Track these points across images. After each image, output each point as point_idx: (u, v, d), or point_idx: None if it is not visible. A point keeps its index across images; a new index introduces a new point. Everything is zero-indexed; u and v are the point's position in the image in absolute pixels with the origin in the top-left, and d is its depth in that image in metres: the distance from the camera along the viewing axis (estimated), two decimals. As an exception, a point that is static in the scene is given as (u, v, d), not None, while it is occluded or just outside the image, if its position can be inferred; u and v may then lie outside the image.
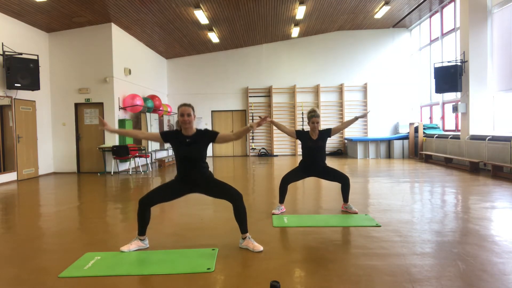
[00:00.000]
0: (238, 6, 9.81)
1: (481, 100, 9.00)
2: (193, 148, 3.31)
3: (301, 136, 4.71)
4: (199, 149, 3.34)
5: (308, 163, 4.70)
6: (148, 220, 3.40)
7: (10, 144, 8.41)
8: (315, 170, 4.70)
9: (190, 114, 3.30)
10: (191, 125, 3.34)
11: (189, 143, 3.32)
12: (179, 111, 3.32)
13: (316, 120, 4.56)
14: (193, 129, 3.38)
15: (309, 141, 4.65)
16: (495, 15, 8.80)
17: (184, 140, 3.33)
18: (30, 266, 3.07)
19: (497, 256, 3.05)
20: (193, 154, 3.31)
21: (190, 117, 3.30)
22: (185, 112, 3.29)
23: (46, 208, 5.53)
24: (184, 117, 3.29)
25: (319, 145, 4.64)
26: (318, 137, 4.65)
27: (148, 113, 11.58)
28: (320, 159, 4.69)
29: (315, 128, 4.62)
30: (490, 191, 6.06)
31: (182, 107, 3.32)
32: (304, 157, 4.75)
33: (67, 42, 9.92)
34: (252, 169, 10.13)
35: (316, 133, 4.66)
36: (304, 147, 4.70)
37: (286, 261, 3.05)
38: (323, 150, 4.71)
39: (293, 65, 14.55)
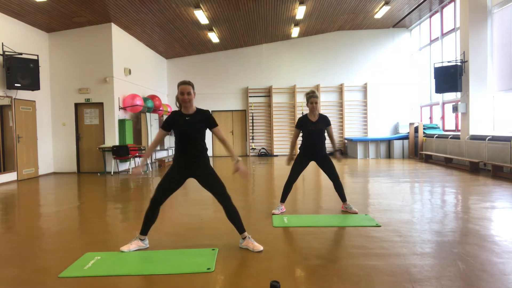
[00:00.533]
0: (238, 6, 9.81)
1: (481, 100, 9.00)
2: (192, 125, 3.27)
3: (301, 123, 4.67)
4: (198, 127, 3.28)
5: (309, 147, 4.64)
6: (154, 220, 3.39)
7: (10, 144, 8.41)
8: (316, 155, 4.64)
9: (190, 92, 3.25)
10: (191, 103, 3.30)
11: (188, 120, 3.28)
12: (179, 89, 3.25)
13: (315, 101, 4.51)
14: (193, 107, 3.35)
15: (309, 124, 4.60)
16: (495, 15, 8.80)
17: (183, 118, 3.29)
18: (30, 266, 3.07)
19: (497, 256, 3.05)
20: (192, 131, 3.26)
21: (190, 95, 3.25)
22: (185, 90, 3.23)
23: (46, 208, 5.53)
24: (184, 95, 3.23)
25: (319, 128, 4.59)
26: (318, 120, 4.61)
27: (148, 113, 11.58)
28: (321, 143, 4.62)
29: (314, 108, 4.56)
30: (490, 191, 6.06)
31: (182, 85, 3.25)
32: (304, 141, 4.68)
33: (67, 42, 9.92)
34: (252, 169, 10.13)
35: (315, 115, 4.62)
36: (305, 131, 4.65)
37: (286, 261, 3.05)
38: (323, 133, 4.63)
39: (293, 65, 14.54)
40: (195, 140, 3.28)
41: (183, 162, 3.33)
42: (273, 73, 14.63)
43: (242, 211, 4.83)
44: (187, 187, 5.73)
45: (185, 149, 3.29)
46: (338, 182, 4.68)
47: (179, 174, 3.36)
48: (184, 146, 3.29)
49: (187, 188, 6.18)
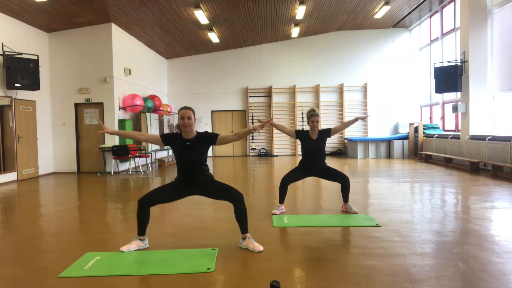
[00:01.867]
0: (238, 6, 9.81)
1: (481, 100, 9.00)
2: (193, 151, 3.31)
3: (301, 136, 4.72)
4: (199, 152, 3.33)
5: (308, 163, 4.70)
6: (148, 220, 3.40)
7: (10, 144, 8.41)
8: (315, 170, 4.70)
9: (191, 117, 3.28)
10: (191, 128, 3.33)
11: (189, 146, 3.31)
12: (179, 114, 3.31)
13: (315, 119, 4.57)
14: (193, 132, 3.38)
15: (309, 141, 4.65)
16: (495, 15, 8.80)
17: (184, 143, 3.32)
18: (30, 266, 3.07)
19: (497, 256, 3.05)
20: (194, 157, 3.31)
21: (191, 120, 3.29)
22: (185, 115, 3.27)
23: (46, 208, 5.53)
24: (184, 120, 3.27)
25: (318, 145, 4.65)
26: (317, 137, 4.65)
27: (148, 113, 11.57)
28: (320, 159, 4.70)
29: (315, 127, 4.62)
30: (490, 191, 6.06)
31: (182, 110, 3.31)
32: (304, 157, 4.75)
33: (67, 42, 9.92)
34: (252, 169, 10.13)
35: (315, 133, 4.67)
36: (304, 147, 4.70)
37: (286, 261, 3.05)
38: (322, 150, 4.71)
39: (293, 65, 14.54)
40: (197, 164, 3.34)
41: (186, 184, 3.39)
42: (273, 73, 14.63)
43: (242, 211, 4.85)
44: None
45: (187, 173, 3.36)
46: (347, 183, 4.66)
47: (180, 191, 3.43)
48: (185, 170, 3.36)
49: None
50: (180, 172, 3.39)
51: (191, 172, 3.34)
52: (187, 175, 3.36)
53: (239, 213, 3.34)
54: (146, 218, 3.38)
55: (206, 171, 3.41)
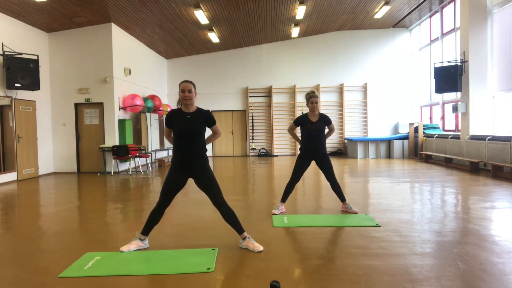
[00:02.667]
0: (238, 6, 9.81)
1: (481, 100, 9.00)
2: (191, 123, 3.29)
3: (300, 121, 4.67)
4: (198, 125, 3.30)
5: (308, 147, 4.64)
6: (157, 222, 3.42)
7: (10, 144, 8.41)
8: (315, 154, 4.64)
9: (191, 90, 3.30)
10: (191, 101, 3.33)
11: (188, 119, 3.30)
12: (180, 87, 3.32)
13: (315, 100, 4.52)
14: (194, 106, 3.38)
15: (309, 124, 4.60)
16: (495, 15, 8.80)
17: (184, 116, 3.32)
18: (30, 266, 3.07)
19: (497, 256, 3.05)
20: (192, 129, 3.27)
21: (191, 93, 3.30)
22: (186, 88, 3.29)
23: (46, 208, 5.53)
24: (185, 92, 3.28)
25: (318, 127, 4.59)
26: (318, 120, 4.61)
27: (148, 113, 11.58)
28: (320, 142, 4.63)
29: (314, 108, 4.56)
30: (490, 191, 6.06)
31: (183, 83, 3.33)
32: (303, 142, 4.69)
33: (67, 42, 9.92)
34: (252, 169, 10.13)
35: (315, 115, 4.62)
36: (304, 131, 4.65)
37: (286, 261, 3.05)
38: (322, 133, 4.65)
39: (293, 65, 14.54)
40: (195, 138, 3.29)
41: (182, 162, 3.32)
42: (273, 73, 14.63)
43: (242, 211, 4.85)
44: (187, 187, 5.73)
45: (184, 148, 3.29)
46: (335, 183, 4.69)
47: (179, 175, 3.35)
48: (183, 145, 3.29)
49: (187, 188, 6.18)
50: (176, 147, 3.32)
51: (189, 146, 3.28)
52: (184, 151, 3.29)
53: (227, 216, 3.36)
54: (158, 220, 3.40)
55: (203, 149, 3.37)
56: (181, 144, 3.30)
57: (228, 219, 3.37)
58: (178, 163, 3.33)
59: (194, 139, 3.29)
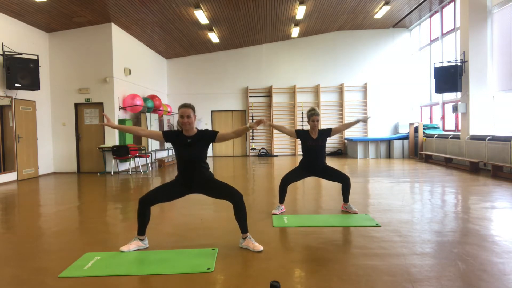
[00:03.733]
0: (238, 6, 9.81)
1: (481, 100, 9.00)
2: (193, 149, 3.32)
3: (301, 135, 4.71)
4: (199, 150, 3.34)
5: (308, 163, 4.69)
6: (148, 220, 3.40)
7: (10, 144, 8.41)
8: (315, 169, 4.70)
9: (190, 115, 3.28)
10: (191, 126, 3.34)
11: (189, 143, 3.32)
12: (179, 112, 3.31)
13: (316, 119, 4.56)
14: (193, 130, 3.38)
15: (309, 140, 4.64)
16: (495, 15, 8.80)
17: (185, 140, 3.33)
18: (30, 266, 3.07)
19: (497, 256, 3.05)
20: (194, 155, 3.31)
21: (190, 118, 3.28)
22: (185, 114, 3.27)
23: (46, 208, 5.53)
24: (184, 119, 3.28)
25: (319, 144, 4.63)
26: (318, 136, 4.64)
27: (148, 113, 11.58)
28: (320, 158, 4.69)
29: (315, 126, 4.61)
30: (490, 191, 6.06)
31: (182, 108, 3.30)
32: (304, 157, 4.74)
33: (67, 42, 9.92)
34: (252, 169, 10.13)
35: (316, 132, 4.65)
36: (304, 146, 4.70)
37: (286, 261, 3.05)
38: (323, 149, 4.70)
39: (293, 65, 14.54)
40: (197, 162, 3.34)
41: (186, 181, 3.39)
42: (273, 73, 14.63)
43: (242, 211, 4.85)
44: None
45: (187, 170, 3.35)
46: (348, 183, 4.66)
47: (180, 189, 3.42)
48: (185, 168, 3.35)
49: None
50: (180, 170, 3.39)
51: (191, 169, 3.34)
52: (187, 173, 3.35)
53: (239, 213, 3.34)
54: (146, 218, 3.38)
55: (206, 169, 3.41)
56: (183, 167, 3.36)
57: (238, 214, 3.34)
58: (183, 182, 3.40)
59: (197, 163, 3.34)
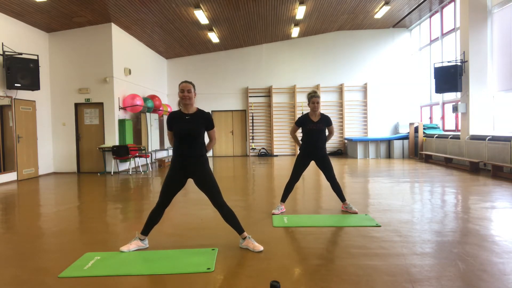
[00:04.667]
0: (238, 6, 9.81)
1: (481, 100, 9.00)
2: (191, 124, 3.30)
3: (301, 121, 4.67)
4: (197, 126, 3.31)
5: (308, 147, 4.64)
6: (158, 222, 3.41)
7: (10, 144, 8.41)
8: (315, 154, 4.64)
9: (190, 90, 3.31)
10: (191, 102, 3.34)
11: (188, 120, 3.31)
12: (180, 87, 3.34)
13: (316, 100, 4.53)
14: (193, 108, 3.39)
15: (310, 123, 4.61)
16: (495, 15, 8.80)
17: (183, 117, 3.33)
18: (30, 266, 3.07)
19: (497, 256, 3.05)
20: (192, 130, 3.28)
21: (191, 93, 3.31)
22: (185, 88, 3.30)
23: (46, 208, 5.53)
24: (184, 92, 3.29)
25: (319, 127, 4.60)
26: (319, 120, 4.61)
27: (148, 113, 11.58)
28: (320, 142, 4.63)
29: (316, 108, 4.57)
30: (490, 191, 6.06)
31: (183, 83, 3.35)
32: (304, 141, 4.69)
33: (67, 42, 9.92)
34: (252, 169, 10.13)
35: (317, 115, 4.62)
36: (305, 131, 4.65)
37: (286, 261, 3.05)
38: (323, 133, 4.65)
39: (293, 65, 14.54)
40: (195, 139, 3.30)
41: (181, 163, 3.33)
42: (273, 73, 14.63)
43: (242, 211, 4.85)
44: (187, 188, 5.73)
45: (184, 148, 3.30)
46: (335, 183, 4.69)
47: (178, 175, 3.35)
48: (183, 145, 3.30)
49: (187, 189, 6.18)
50: (176, 148, 3.33)
51: (188, 147, 3.29)
52: (184, 152, 3.30)
53: (227, 218, 3.36)
54: (158, 220, 3.40)
55: (203, 149, 3.37)
56: (180, 145, 3.31)
57: (228, 219, 3.37)
58: (178, 163, 3.34)
59: (194, 139, 3.30)
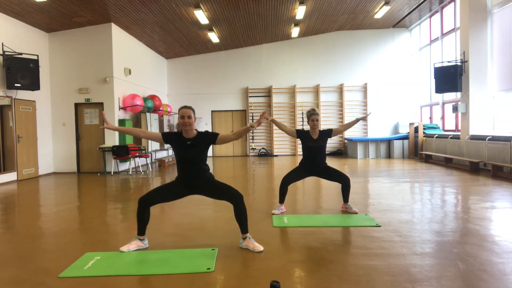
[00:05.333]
0: (238, 6, 9.81)
1: (481, 100, 9.00)
2: (194, 151, 3.32)
3: (301, 135, 4.71)
4: (199, 151, 3.34)
5: (309, 163, 4.69)
6: (147, 220, 3.40)
7: (10, 144, 8.41)
8: (316, 169, 4.70)
9: (191, 116, 3.29)
10: (191, 127, 3.33)
11: (189, 145, 3.32)
12: (179, 113, 3.32)
13: (315, 118, 4.56)
14: (193, 132, 3.39)
15: (310, 140, 4.65)
16: (495, 15, 8.80)
17: (184, 142, 3.33)
18: (30, 266, 3.07)
19: (497, 256, 3.05)
20: (194, 156, 3.31)
21: (191, 119, 3.29)
22: (186, 114, 3.28)
23: (46, 208, 5.53)
24: (184, 119, 3.28)
25: (319, 144, 4.64)
26: (318, 137, 4.65)
27: (148, 113, 11.57)
28: (321, 159, 4.69)
29: (315, 126, 4.60)
30: (490, 191, 6.06)
31: (183, 109, 3.32)
32: (304, 157, 4.74)
33: (67, 42, 9.91)
34: (252, 169, 10.13)
35: (316, 133, 4.66)
36: (305, 147, 4.70)
37: (286, 261, 3.05)
38: (323, 150, 4.70)
39: (293, 65, 14.54)
40: (197, 164, 3.34)
41: (186, 183, 3.39)
42: (273, 73, 14.63)
43: (242, 211, 4.85)
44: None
45: (187, 172, 3.36)
46: (348, 183, 4.66)
47: (180, 190, 3.42)
48: (186, 170, 3.36)
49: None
50: (180, 171, 3.39)
51: (191, 171, 3.34)
52: (187, 175, 3.36)
53: (239, 213, 3.34)
54: (146, 218, 3.38)
55: (206, 170, 3.42)
56: (184, 170, 3.36)
57: (238, 215, 3.34)
58: (183, 183, 3.40)
59: (197, 165, 3.34)
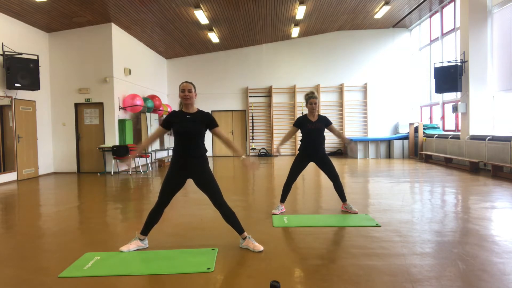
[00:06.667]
0: (238, 6, 9.81)
1: (481, 100, 9.00)
2: (192, 124, 3.30)
3: (300, 122, 4.68)
4: (198, 125, 3.31)
5: (308, 146, 4.63)
6: (157, 222, 3.42)
7: (10, 144, 8.41)
8: (314, 155, 4.63)
9: (191, 90, 3.33)
10: (191, 101, 3.35)
11: (189, 119, 3.31)
12: (180, 87, 3.36)
13: (314, 101, 4.53)
14: (194, 107, 3.40)
15: (308, 124, 4.61)
16: (495, 15, 8.80)
17: (184, 116, 3.34)
18: (30, 266, 3.07)
19: (497, 256, 3.05)
20: (192, 130, 3.28)
21: (191, 93, 3.33)
22: (186, 88, 3.32)
23: (46, 208, 5.53)
24: (185, 92, 3.31)
25: (318, 127, 4.58)
26: (317, 120, 4.61)
27: (148, 113, 11.57)
28: (319, 143, 4.62)
29: (314, 109, 4.57)
30: (490, 191, 6.06)
31: (183, 83, 3.37)
32: (303, 141, 4.68)
33: (67, 42, 9.92)
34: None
35: (315, 115, 4.63)
36: (304, 131, 4.65)
37: (286, 261, 3.05)
38: (322, 133, 4.63)
39: (293, 65, 14.54)
40: (195, 139, 3.30)
41: (181, 163, 3.32)
42: (273, 73, 14.63)
43: (242, 211, 4.85)
44: (187, 187, 5.72)
45: (184, 148, 3.30)
46: (338, 182, 4.69)
47: (178, 175, 3.35)
48: (183, 145, 3.30)
49: (187, 188, 6.18)
50: (176, 148, 3.34)
51: (189, 147, 3.29)
52: (184, 151, 3.30)
53: (226, 217, 3.36)
54: (157, 220, 3.41)
55: (203, 149, 3.38)
56: (181, 144, 3.31)
57: (228, 219, 3.37)
58: (178, 163, 3.34)
59: (195, 139, 3.30)
